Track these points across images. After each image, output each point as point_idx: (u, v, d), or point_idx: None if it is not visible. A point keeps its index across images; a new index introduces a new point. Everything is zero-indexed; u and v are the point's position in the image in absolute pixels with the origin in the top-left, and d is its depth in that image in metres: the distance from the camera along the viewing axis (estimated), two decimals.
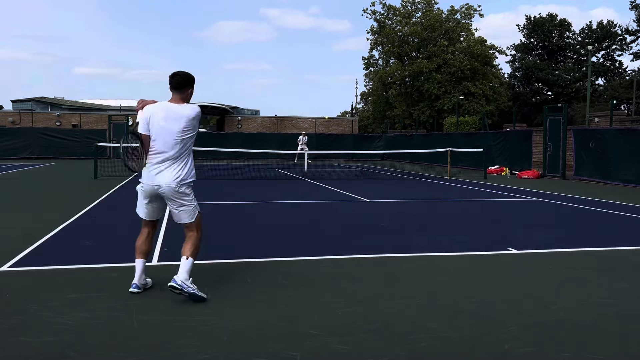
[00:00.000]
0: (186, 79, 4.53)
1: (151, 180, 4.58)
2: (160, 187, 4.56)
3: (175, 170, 4.57)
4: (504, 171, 22.28)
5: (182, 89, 4.52)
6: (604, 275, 5.42)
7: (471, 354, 3.38)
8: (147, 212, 4.79)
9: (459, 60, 44.49)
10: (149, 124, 4.49)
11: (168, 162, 4.54)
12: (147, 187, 4.62)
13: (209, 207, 10.49)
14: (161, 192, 4.59)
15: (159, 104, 4.55)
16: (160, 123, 4.46)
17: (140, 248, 4.74)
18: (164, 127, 4.45)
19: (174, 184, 4.55)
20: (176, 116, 4.46)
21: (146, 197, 4.69)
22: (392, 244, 6.85)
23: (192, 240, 4.67)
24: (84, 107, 61.41)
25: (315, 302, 4.38)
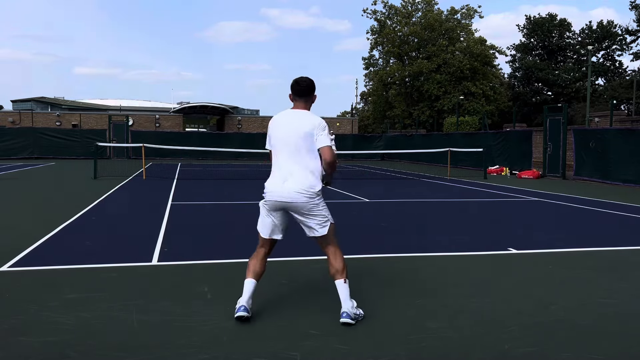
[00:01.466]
0: (312, 84, 4.17)
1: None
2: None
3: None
4: (504, 171, 22.28)
5: (309, 95, 4.16)
6: (604, 275, 5.42)
7: (471, 354, 3.38)
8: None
9: (459, 60, 44.49)
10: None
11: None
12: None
13: (209, 207, 10.49)
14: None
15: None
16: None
17: (254, 268, 4.21)
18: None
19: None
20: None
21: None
22: (392, 244, 6.85)
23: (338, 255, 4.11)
24: (84, 107, 61.41)
25: (315, 302, 4.38)
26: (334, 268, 4.04)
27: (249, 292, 4.04)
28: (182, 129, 43.19)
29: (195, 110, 46.00)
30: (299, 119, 4.06)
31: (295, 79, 4.18)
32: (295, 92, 4.14)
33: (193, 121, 50.90)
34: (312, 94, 4.18)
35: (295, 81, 4.16)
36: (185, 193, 12.81)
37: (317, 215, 4.11)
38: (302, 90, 4.12)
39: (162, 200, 11.14)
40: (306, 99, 4.14)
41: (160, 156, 31.10)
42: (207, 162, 29.50)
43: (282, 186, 4.05)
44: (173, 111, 46.99)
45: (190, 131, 42.70)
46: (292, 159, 4.03)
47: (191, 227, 8.01)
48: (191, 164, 27.78)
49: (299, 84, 4.13)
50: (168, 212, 9.45)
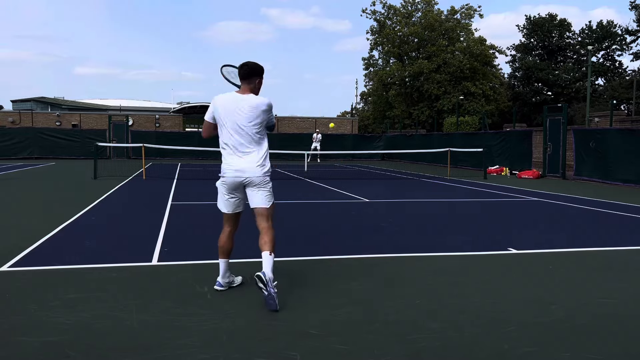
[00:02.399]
0: (254, 68, 4.44)
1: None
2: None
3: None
4: (504, 171, 22.28)
5: (249, 78, 4.44)
6: (604, 275, 5.42)
7: (471, 354, 3.38)
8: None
9: (459, 60, 44.49)
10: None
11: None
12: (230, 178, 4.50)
13: (209, 207, 10.49)
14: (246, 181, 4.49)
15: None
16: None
17: (223, 247, 4.67)
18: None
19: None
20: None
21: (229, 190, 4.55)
22: (392, 244, 6.85)
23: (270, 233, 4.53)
24: (84, 107, 61.43)
25: (314, 302, 4.38)
26: (264, 240, 4.47)
27: (222, 270, 4.65)
28: (182, 129, 43.18)
29: (195, 110, 45.98)
30: (249, 100, 4.40)
31: (243, 63, 4.47)
32: (240, 76, 4.45)
33: (193, 121, 50.89)
34: (256, 78, 4.45)
35: (241, 64, 4.46)
36: (185, 193, 12.81)
37: (265, 189, 4.50)
38: (246, 72, 4.41)
39: (162, 200, 11.14)
40: (249, 81, 4.43)
41: (160, 156, 31.10)
42: (207, 162, 29.49)
43: (238, 167, 4.41)
44: (173, 111, 47.00)
45: (190, 131, 42.68)
46: (248, 140, 4.40)
47: (191, 227, 8.01)
48: (191, 164, 27.77)
49: (244, 66, 4.43)
50: (168, 212, 9.45)
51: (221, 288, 4.63)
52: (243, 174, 4.41)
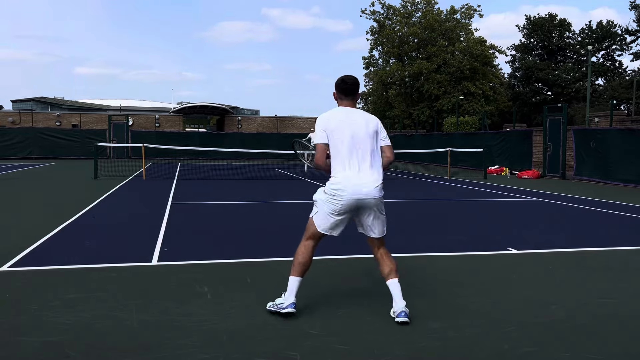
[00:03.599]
0: (358, 82, 4.18)
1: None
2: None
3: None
4: (503, 171, 22.28)
5: (356, 93, 4.16)
6: (604, 275, 5.42)
7: (471, 354, 3.38)
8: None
9: (459, 60, 44.46)
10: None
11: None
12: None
13: (208, 206, 10.49)
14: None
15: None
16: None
17: (306, 264, 4.14)
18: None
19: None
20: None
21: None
22: (392, 244, 6.82)
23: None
24: (84, 107, 61.42)
25: (314, 302, 4.38)
26: (389, 267, 4.05)
27: (296, 289, 4.05)
28: (182, 129, 43.19)
29: (195, 110, 46.02)
30: (363, 116, 4.09)
31: (341, 77, 4.14)
32: (342, 91, 4.11)
33: (193, 121, 50.92)
34: (358, 92, 4.17)
35: (341, 79, 4.12)
36: (185, 193, 12.81)
37: (382, 215, 4.07)
38: (350, 88, 4.10)
39: (162, 200, 11.14)
40: (353, 97, 4.14)
41: (160, 156, 31.11)
42: (207, 162, 29.49)
43: (358, 183, 3.91)
44: (173, 111, 47.01)
45: (190, 131, 42.70)
46: (368, 155, 3.98)
47: (191, 227, 8.01)
48: (191, 163, 27.77)
49: (346, 82, 4.11)
50: (168, 212, 9.45)
51: (293, 310, 4.00)
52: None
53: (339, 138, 3.96)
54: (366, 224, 4.05)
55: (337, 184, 3.93)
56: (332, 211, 3.98)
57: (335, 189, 3.93)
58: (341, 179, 3.93)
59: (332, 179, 3.99)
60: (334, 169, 4.00)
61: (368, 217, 4.01)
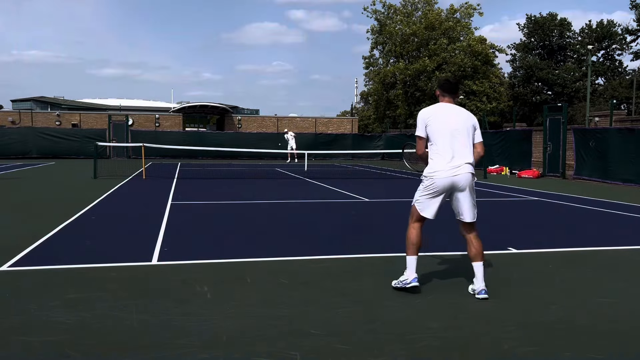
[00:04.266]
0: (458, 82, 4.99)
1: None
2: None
3: None
4: (503, 171, 22.28)
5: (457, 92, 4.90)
6: (604, 275, 5.42)
7: (471, 354, 3.38)
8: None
9: (460, 59, 44.43)
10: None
11: None
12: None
13: (208, 206, 10.49)
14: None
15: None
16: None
17: (416, 245, 4.73)
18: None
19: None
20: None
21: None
22: (392, 244, 6.85)
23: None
24: (84, 106, 61.41)
25: (315, 302, 4.38)
26: (477, 250, 4.60)
27: (414, 266, 4.64)
28: (182, 128, 43.18)
29: (195, 109, 45.99)
30: (463, 112, 4.74)
31: (445, 78, 4.97)
32: (446, 89, 4.78)
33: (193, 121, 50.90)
34: (459, 91, 4.94)
35: (446, 79, 4.85)
36: (185, 193, 12.81)
37: (473, 197, 4.66)
38: (452, 87, 4.80)
39: (162, 200, 11.14)
40: (454, 95, 4.82)
41: (160, 156, 31.10)
42: (207, 162, 29.49)
43: (453, 166, 4.55)
44: (173, 111, 46.98)
45: (190, 131, 42.70)
46: (463, 145, 4.60)
47: (191, 227, 8.01)
48: (191, 163, 27.77)
49: (450, 81, 4.83)
50: (168, 212, 9.45)
51: (417, 283, 4.63)
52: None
53: (439, 130, 4.60)
54: (457, 207, 4.67)
55: (433, 169, 4.59)
56: (430, 194, 4.64)
57: (432, 172, 4.59)
58: (437, 165, 4.58)
59: (429, 166, 4.65)
60: (431, 157, 4.66)
61: (459, 201, 4.62)
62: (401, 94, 47.21)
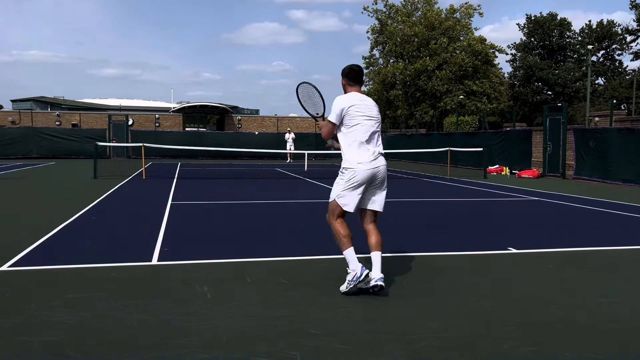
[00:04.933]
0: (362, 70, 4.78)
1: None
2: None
3: None
4: (503, 171, 22.28)
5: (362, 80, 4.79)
6: (604, 275, 5.42)
7: (471, 354, 3.38)
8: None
9: (461, 59, 44.42)
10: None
11: None
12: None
13: (208, 206, 10.49)
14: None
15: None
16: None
17: (350, 236, 4.58)
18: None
19: None
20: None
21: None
22: (391, 243, 6.84)
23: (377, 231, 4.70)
24: (84, 106, 61.40)
25: (315, 302, 4.38)
26: (378, 239, 4.59)
27: (355, 257, 4.52)
28: (182, 128, 43.20)
29: (195, 109, 46.01)
30: (373, 102, 4.74)
31: (349, 66, 4.68)
32: (351, 78, 4.66)
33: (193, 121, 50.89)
34: (362, 79, 4.76)
35: (350, 68, 4.67)
36: (185, 193, 12.81)
37: (385, 190, 4.71)
38: (358, 75, 4.67)
39: (162, 200, 11.14)
40: (361, 84, 4.73)
41: (160, 156, 31.11)
42: (207, 162, 29.49)
43: (374, 158, 4.55)
44: (173, 111, 47.00)
45: (190, 131, 42.71)
46: (379, 136, 4.66)
47: (191, 227, 8.01)
48: (191, 163, 27.77)
49: (355, 70, 4.66)
50: (168, 212, 9.45)
51: (367, 270, 4.46)
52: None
53: (359, 121, 4.54)
54: (373, 198, 4.61)
55: (356, 161, 4.50)
56: (353, 187, 4.50)
57: (355, 164, 4.50)
58: (359, 157, 4.50)
59: (350, 158, 4.54)
60: (348, 148, 4.57)
61: (376, 192, 4.60)
62: (401, 94, 47.19)
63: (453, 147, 22.82)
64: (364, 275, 4.38)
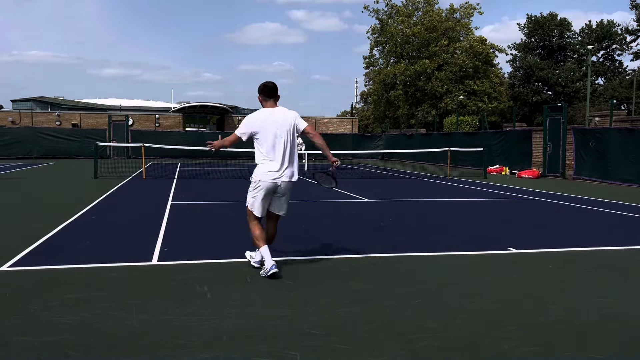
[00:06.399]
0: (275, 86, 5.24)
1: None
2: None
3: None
4: (503, 171, 22.29)
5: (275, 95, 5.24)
6: (604, 275, 5.42)
7: (471, 354, 3.38)
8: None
9: (461, 59, 44.41)
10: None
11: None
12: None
13: (208, 206, 10.50)
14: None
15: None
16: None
17: (262, 236, 5.22)
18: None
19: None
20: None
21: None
22: (392, 243, 6.85)
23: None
24: (84, 106, 61.39)
25: (315, 302, 4.38)
26: (273, 235, 5.38)
27: (269, 254, 5.10)
28: (182, 128, 43.20)
29: (195, 109, 46.00)
30: (283, 113, 5.17)
31: (262, 83, 5.16)
32: (266, 94, 5.15)
33: (193, 121, 50.90)
34: (277, 94, 5.20)
35: (263, 85, 5.15)
36: (185, 193, 12.81)
37: (288, 197, 5.34)
38: (272, 91, 5.14)
39: (162, 200, 11.14)
40: (275, 98, 5.20)
41: (160, 156, 31.10)
42: (207, 162, 29.49)
43: (276, 171, 5.12)
44: (173, 111, 46.99)
45: (190, 131, 42.72)
46: (285, 149, 5.11)
47: (191, 227, 8.01)
48: (191, 163, 27.77)
49: (267, 86, 5.14)
50: (168, 212, 9.45)
51: (277, 269, 5.04)
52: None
53: (263, 134, 5.05)
54: (276, 205, 5.30)
55: (261, 172, 5.10)
56: (262, 194, 5.16)
57: (260, 176, 5.10)
58: (264, 169, 5.09)
59: (258, 169, 5.13)
60: (258, 160, 5.15)
61: (279, 200, 5.29)
62: (401, 94, 47.19)
63: (453, 147, 22.83)
64: (271, 272, 4.98)
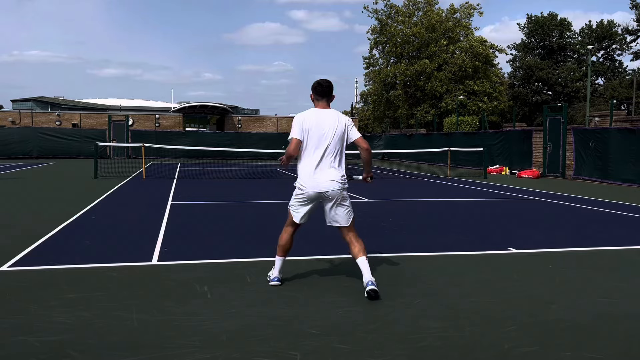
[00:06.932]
0: (332, 85, 4.74)
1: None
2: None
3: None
4: (504, 171, 22.29)
5: (330, 95, 4.74)
6: (604, 275, 5.42)
7: (471, 354, 3.38)
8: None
9: (461, 60, 44.41)
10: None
11: None
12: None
13: (208, 206, 10.49)
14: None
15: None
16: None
17: (285, 246, 4.86)
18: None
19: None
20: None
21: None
22: (392, 243, 6.85)
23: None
24: (84, 106, 61.39)
25: (315, 302, 4.38)
26: (358, 247, 4.67)
27: (279, 267, 4.82)
28: (182, 128, 43.20)
29: (195, 109, 46.00)
30: (335, 116, 4.64)
31: (317, 81, 4.69)
32: (319, 93, 4.66)
33: (193, 121, 50.92)
34: (332, 94, 4.71)
35: (317, 83, 4.67)
36: (185, 193, 12.81)
37: (345, 205, 4.71)
38: (325, 90, 4.64)
39: (162, 200, 11.14)
40: (328, 98, 4.70)
41: (160, 156, 31.11)
42: (206, 162, 29.49)
43: (320, 178, 4.60)
44: (173, 111, 46.99)
45: (190, 131, 42.73)
46: (330, 154, 4.61)
47: (191, 227, 8.01)
48: (191, 163, 27.77)
49: (322, 85, 4.65)
50: (168, 212, 9.45)
51: (278, 283, 4.82)
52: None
53: (311, 134, 4.55)
54: (330, 215, 4.74)
55: (301, 178, 4.64)
56: (301, 202, 4.73)
57: (301, 182, 4.64)
58: (305, 174, 4.61)
59: (299, 174, 4.67)
60: (300, 163, 4.66)
61: (331, 209, 4.71)
62: (401, 94, 47.18)
63: (453, 147, 22.83)
64: (271, 284, 4.79)
